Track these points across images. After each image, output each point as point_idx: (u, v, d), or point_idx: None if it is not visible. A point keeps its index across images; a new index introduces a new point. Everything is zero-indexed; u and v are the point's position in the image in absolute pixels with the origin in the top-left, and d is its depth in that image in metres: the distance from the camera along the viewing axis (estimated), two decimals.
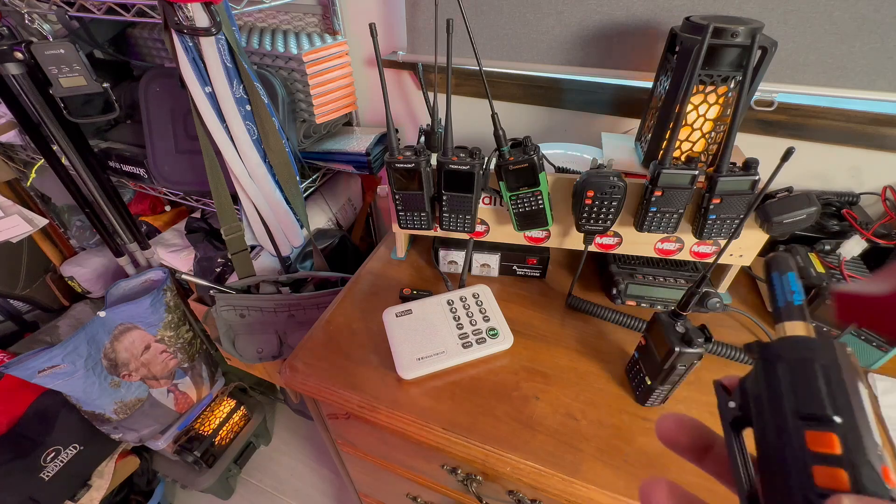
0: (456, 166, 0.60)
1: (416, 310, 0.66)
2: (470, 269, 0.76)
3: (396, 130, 1.03)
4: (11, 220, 1.03)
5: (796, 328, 0.20)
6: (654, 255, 0.68)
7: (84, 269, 1.23)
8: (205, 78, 0.67)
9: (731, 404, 0.21)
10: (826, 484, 0.17)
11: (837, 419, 0.17)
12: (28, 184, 1.14)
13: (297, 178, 0.84)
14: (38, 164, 1.06)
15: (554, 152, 0.79)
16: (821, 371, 0.18)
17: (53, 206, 1.26)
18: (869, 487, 0.16)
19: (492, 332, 0.63)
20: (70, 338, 0.92)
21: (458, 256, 0.75)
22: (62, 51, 0.73)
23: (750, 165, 0.54)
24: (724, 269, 0.69)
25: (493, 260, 0.75)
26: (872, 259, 0.67)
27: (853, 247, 0.66)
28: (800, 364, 0.19)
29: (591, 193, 0.58)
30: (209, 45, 0.64)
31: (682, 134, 0.60)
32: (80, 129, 0.87)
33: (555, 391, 0.59)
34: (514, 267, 0.75)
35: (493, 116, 0.58)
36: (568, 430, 0.55)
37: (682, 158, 0.62)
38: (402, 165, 0.61)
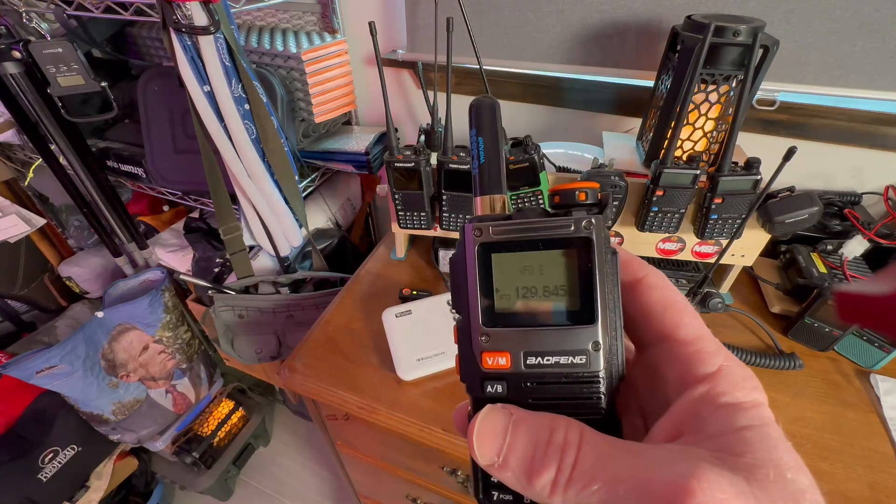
0: (456, 165, 0.59)
1: (416, 310, 0.65)
2: None
3: (396, 130, 1.03)
4: (9, 220, 1.02)
5: (481, 205, 0.19)
6: (655, 255, 0.67)
7: (82, 270, 1.22)
8: (203, 77, 0.66)
9: None
10: (456, 370, 0.18)
11: (457, 315, 0.18)
12: (26, 183, 1.13)
13: (296, 177, 0.83)
14: (36, 163, 1.05)
15: (555, 151, 0.79)
16: (451, 265, 0.18)
17: (51, 206, 1.25)
18: (466, 375, 0.17)
19: None
20: (68, 338, 0.91)
21: None
22: (60, 50, 0.72)
23: (752, 165, 0.54)
24: (726, 269, 0.68)
25: None
26: (875, 259, 0.67)
27: (855, 247, 0.66)
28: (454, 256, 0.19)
29: None
30: (208, 44, 0.63)
31: (684, 133, 0.59)
32: (78, 128, 0.87)
33: None
34: None
35: None
36: None
37: (684, 158, 0.61)
38: (401, 165, 0.61)
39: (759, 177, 0.54)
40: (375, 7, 0.87)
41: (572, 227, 0.16)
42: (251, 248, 0.95)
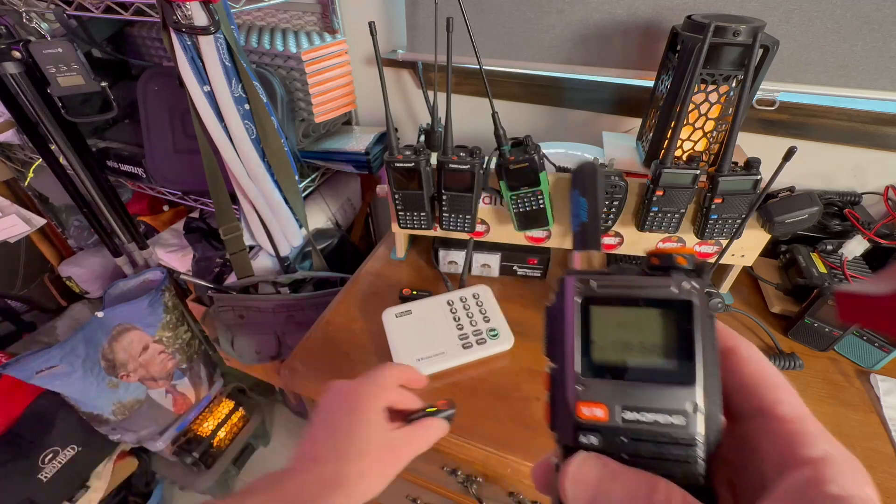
0: (456, 165, 0.59)
1: (416, 310, 0.65)
2: (470, 270, 0.76)
3: (396, 130, 1.03)
4: (9, 220, 1.02)
5: (580, 259, 0.20)
6: None
7: (82, 270, 1.22)
8: (203, 77, 0.66)
9: None
10: (546, 418, 0.18)
11: (553, 364, 0.18)
12: (26, 183, 1.13)
13: (296, 177, 0.83)
14: (36, 163, 1.05)
15: (555, 151, 0.78)
16: (548, 314, 0.19)
17: (51, 206, 1.25)
18: (557, 423, 0.18)
19: (492, 333, 0.63)
20: (68, 338, 0.92)
21: (458, 256, 0.75)
22: (60, 50, 0.72)
23: (752, 165, 0.54)
24: (726, 269, 0.68)
25: (494, 260, 0.74)
26: (875, 259, 0.67)
27: (855, 247, 0.66)
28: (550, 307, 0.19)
29: None
30: (208, 44, 0.63)
31: (684, 133, 0.59)
32: (78, 128, 0.87)
33: None
34: (515, 267, 0.75)
35: (494, 115, 0.57)
36: None
37: (684, 158, 0.61)
38: (401, 165, 0.61)
39: (759, 177, 0.54)
40: (375, 7, 0.87)
41: (674, 289, 0.17)
42: (251, 248, 0.95)
